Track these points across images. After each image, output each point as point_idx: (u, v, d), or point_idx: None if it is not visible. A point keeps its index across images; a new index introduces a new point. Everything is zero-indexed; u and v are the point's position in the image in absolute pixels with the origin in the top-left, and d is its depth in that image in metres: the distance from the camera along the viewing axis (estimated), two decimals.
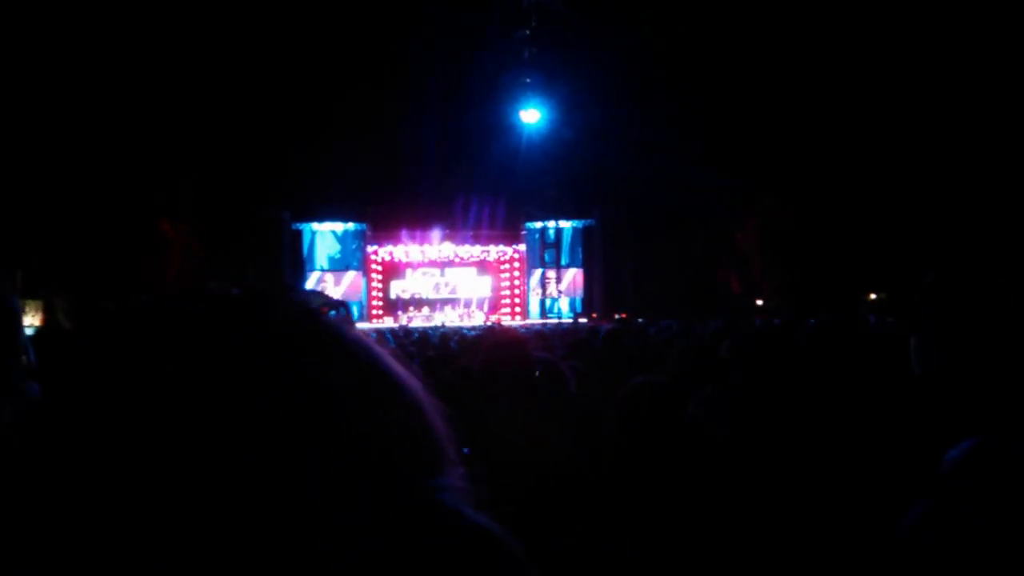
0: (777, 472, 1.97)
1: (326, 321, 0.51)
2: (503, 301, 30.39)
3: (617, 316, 24.57)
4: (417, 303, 29.72)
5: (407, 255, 30.04)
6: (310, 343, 0.47)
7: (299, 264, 29.37)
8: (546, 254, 30.25)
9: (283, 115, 25.59)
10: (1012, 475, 1.14)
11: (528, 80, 25.84)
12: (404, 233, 29.76)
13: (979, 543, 1.12)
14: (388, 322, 26.81)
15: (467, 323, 24.40)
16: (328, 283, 29.66)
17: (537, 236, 30.65)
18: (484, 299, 30.37)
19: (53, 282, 18.97)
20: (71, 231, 20.66)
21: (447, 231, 29.93)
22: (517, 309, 30.09)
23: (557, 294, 30.52)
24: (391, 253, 29.88)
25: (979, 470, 1.17)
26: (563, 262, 30.75)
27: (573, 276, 30.88)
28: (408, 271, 30.38)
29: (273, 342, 0.47)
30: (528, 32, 25.18)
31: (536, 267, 30.54)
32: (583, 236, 30.86)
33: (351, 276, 29.72)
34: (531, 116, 26.42)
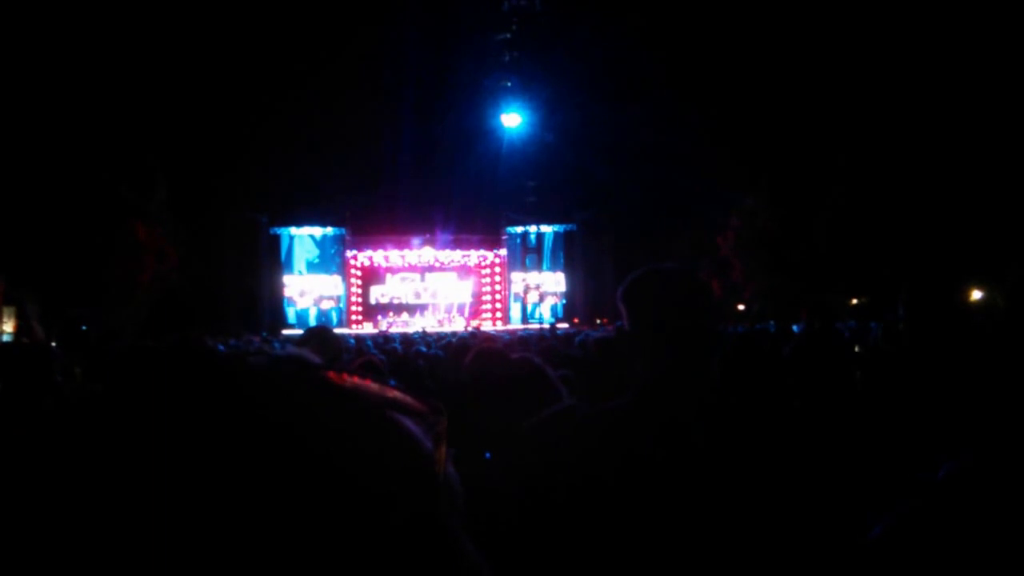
0: (757, 480, 1.87)
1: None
2: (484, 306, 30.21)
3: (599, 322, 24.54)
4: (397, 308, 29.47)
5: (387, 260, 29.77)
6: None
7: (277, 268, 29.00)
8: (527, 259, 30.13)
9: (261, 118, 25.34)
10: (1012, 485, 1.08)
11: (509, 84, 25.81)
12: (384, 238, 29.51)
13: (975, 547, 1.04)
14: (368, 328, 26.55)
15: (447, 328, 24.22)
16: (307, 287, 29.35)
17: (518, 241, 30.54)
18: (464, 304, 30.18)
19: (26, 288, 18.54)
20: (43, 235, 20.23)
21: (427, 236, 29.72)
22: (498, 315, 29.91)
23: (539, 299, 30.40)
24: (371, 258, 29.60)
25: (979, 478, 1.10)
26: (544, 267, 30.66)
27: (554, 281, 30.78)
28: (388, 276, 30.11)
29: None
30: (509, 35, 25.16)
31: (517, 272, 30.40)
32: (564, 241, 30.79)
33: (330, 281, 29.42)
34: (512, 120, 26.40)
